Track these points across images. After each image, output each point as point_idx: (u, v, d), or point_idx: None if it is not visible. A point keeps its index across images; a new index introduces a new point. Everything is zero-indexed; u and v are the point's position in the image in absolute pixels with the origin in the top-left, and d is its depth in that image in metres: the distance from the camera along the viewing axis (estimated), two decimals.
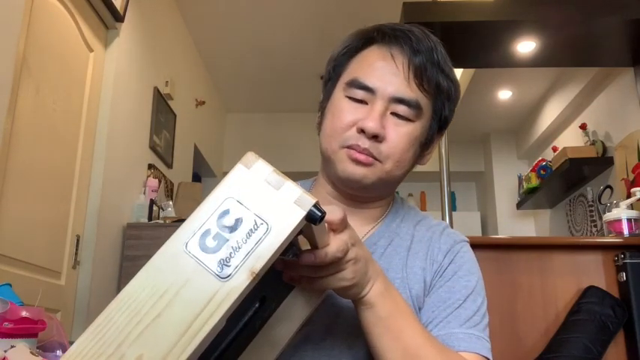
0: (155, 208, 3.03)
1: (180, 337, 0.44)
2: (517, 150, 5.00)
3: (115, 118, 2.71)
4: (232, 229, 0.48)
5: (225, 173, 5.42)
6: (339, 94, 0.79)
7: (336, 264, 0.58)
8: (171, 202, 3.25)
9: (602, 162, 3.36)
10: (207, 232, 0.48)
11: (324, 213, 0.51)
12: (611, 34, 2.51)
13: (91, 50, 2.57)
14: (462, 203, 5.59)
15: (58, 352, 0.90)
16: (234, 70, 4.59)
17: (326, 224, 0.56)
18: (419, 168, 0.86)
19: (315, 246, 0.57)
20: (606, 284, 1.81)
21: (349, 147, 0.75)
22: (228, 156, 5.33)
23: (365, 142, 0.74)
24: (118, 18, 2.69)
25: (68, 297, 2.34)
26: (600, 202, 2.46)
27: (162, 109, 3.40)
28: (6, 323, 0.81)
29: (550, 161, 3.78)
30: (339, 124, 0.77)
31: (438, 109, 0.80)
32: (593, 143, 3.46)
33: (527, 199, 4.18)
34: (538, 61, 2.72)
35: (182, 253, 0.47)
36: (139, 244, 2.80)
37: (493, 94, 4.26)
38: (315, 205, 0.50)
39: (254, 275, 0.46)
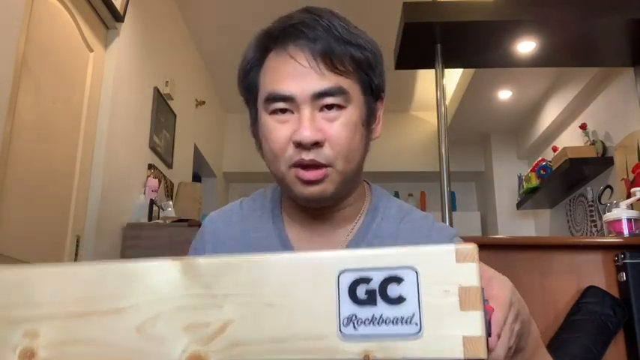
0: (155, 208, 3.03)
1: None
2: (517, 150, 4.99)
3: (115, 118, 2.71)
4: (393, 301, 0.40)
5: (225, 173, 5.43)
6: (262, 114, 0.75)
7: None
8: (171, 202, 3.25)
9: (602, 162, 3.36)
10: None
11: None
12: (611, 34, 2.51)
13: (91, 50, 2.57)
14: (462, 203, 5.58)
15: None
16: (234, 70, 4.52)
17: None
18: (419, 168, 0.86)
19: None
20: (606, 284, 1.81)
21: (295, 165, 0.72)
22: (228, 156, 5.33)
23: (308, 154, 0.70)
24: (118, 18, 2.69)
25: None
26: (600, 202, 2.47)
27: (162, 109, 3.40)
28: None
29: (550, 161, 3.77)
30: (276, 145, 0.73)
31: (366, 82, 0.75)
32: (593, 143, 3.46)
33: (527, 199, 4.18)
34: (538, 61, 2.73)
35: None
36: (138, 244, 2.80)
37: (493, 94, 4.25)
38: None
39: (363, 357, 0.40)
